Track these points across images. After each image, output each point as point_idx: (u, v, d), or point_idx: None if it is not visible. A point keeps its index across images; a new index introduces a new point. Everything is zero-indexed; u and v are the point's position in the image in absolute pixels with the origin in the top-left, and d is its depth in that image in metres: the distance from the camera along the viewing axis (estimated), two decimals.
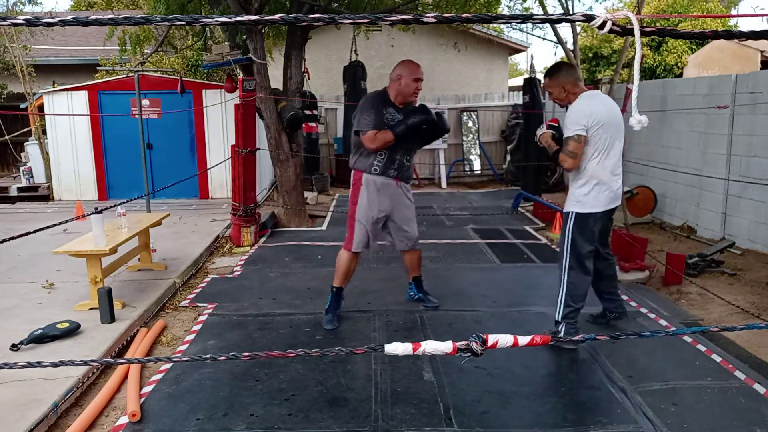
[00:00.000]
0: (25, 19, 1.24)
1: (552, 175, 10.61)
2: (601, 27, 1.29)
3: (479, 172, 12.40)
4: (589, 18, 1.29)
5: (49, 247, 4.95)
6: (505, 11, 10.70)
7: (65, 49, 14.45)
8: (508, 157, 11.85)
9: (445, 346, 1.48)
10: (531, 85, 9.91)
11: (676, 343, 3.79)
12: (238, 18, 1.30)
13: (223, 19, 1.29)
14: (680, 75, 13.98)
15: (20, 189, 10.42)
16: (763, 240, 5.95)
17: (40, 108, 10.35)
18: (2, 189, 10.54)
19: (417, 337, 3.96)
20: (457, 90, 14.01)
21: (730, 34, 1.40)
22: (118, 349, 3.84)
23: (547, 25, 9.26)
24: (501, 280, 5.29)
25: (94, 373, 3.45)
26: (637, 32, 1.33)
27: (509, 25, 12.69)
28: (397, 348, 1.52)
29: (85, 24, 1.25)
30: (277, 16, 1.26)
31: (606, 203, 3.67)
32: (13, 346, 3.63)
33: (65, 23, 1.25)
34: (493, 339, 1.49)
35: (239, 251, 6.51)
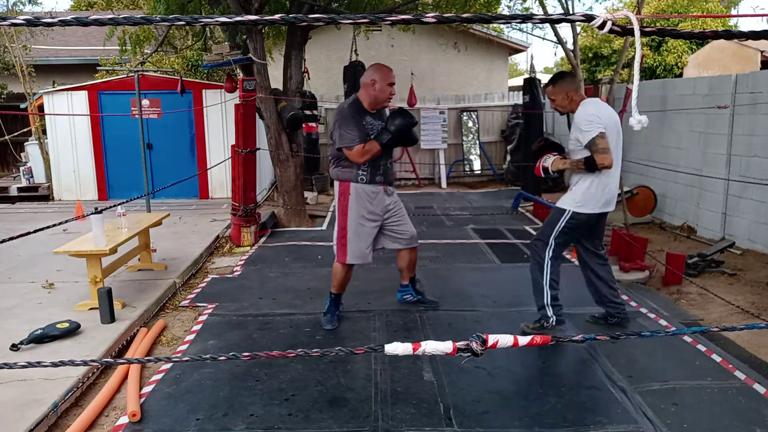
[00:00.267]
0: (25, 19, 1.24)
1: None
2: (601, 27, 1.29)
3: (479, 172, 12.40)
4: (589, 18, 1.29)
5: (49, 247, 4.95)
6: (505, 11, 10.70)
7: (65, 49, 14.45)
8: (508, 157, 11.84)
9: (445, 346, 1.48)
10: (531, 85, 9.90)
11: (676, 343, 3.79)
12: (238, 18, 1.30)
13: (223, 19, 1.29)
14: (680, 75, 13.98)
15: (20, 189, 10.42)
16: (763, 240, 5.95)
17: (40, 108, 10.35)
18: (2, 189, 10.54)
19: (417, 337, 3.96)
20: (457, 90, 14.00)
21: (730, 34, 1.40)
22: (118, 349, 3.84)
23: (547, 25, 9.26)
24: (501, 280, 5.29)
25: (94, 373, 3.45)
26: (637, 32, 1.33)
27: (509, 25, 12.69)
28: (397, 348, 1.52)
29: (85, 24, 1.25)
30: (277, 16, 1.26)
31: (603, 205, 3.75)
32: (13, 346, 3.63)
33: (65, 23, 1.25)
34: (493, 339, 1.49)
35: (239, 251, 6.51)
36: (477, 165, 12.41)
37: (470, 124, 12.34)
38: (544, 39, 18.79)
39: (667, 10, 14.41)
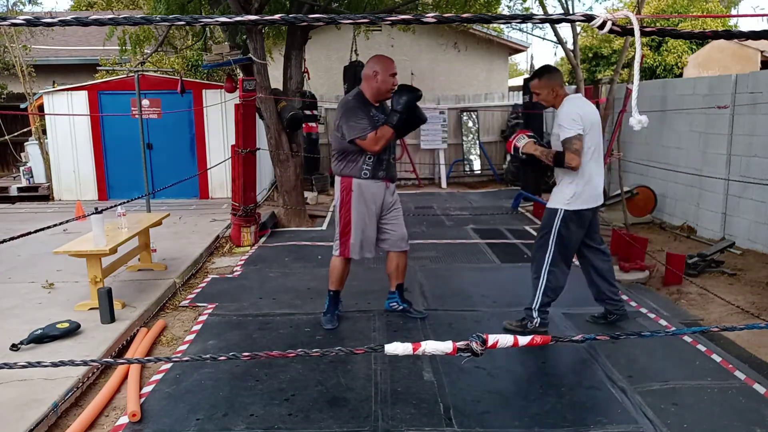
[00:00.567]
0: (25, 19, 1.24)
1: (552, 175, 10.60)
2: (601, 27, 1.29)
3: (479, 172, 12.40)
4: (589, 18, 1.29)
5: (49, 247, 4.95)
6: (505, 11, 10.71)
7: (65, 49, 14.45)
8: (508, 157, 11.84)
9: (445, 346, 1.48)
10: None
11: (676, 343, 3.79)
12: (238, 18, 1.30)
13: (223, 19, 1.29)
14: (680, 75, 13.98)
15: (20, 189, 10.42)
16: (763, 240, 5.95)
17: (40, 108, 10.35)
18: (2, 189, 10.54)
19: (417, 337, 3.96)
20: (457, 90, 14.00)
21: (730, 34, 1.40)
22: (118, 349, 3.84)
23: (547, 25, 9.26)
24: (501, 280, 5.29)
25: (94, 373, 3.45)
26: (637, 32, 1.32)
27: (509, 25, 12.69)
28: (397, 348, 1.52)
29: (85, 24, 1.25)
30: (277, 16, 1.26)
31: (595, 200, 3.82)
32: (13, 346, 3.63)
33: (65, 23, 1.25)
34: (493, 339, 1.49)
35: (239, 251, 6.51)
36: (477, 165, 12.41)
37: (470, 124, 12.34)
38: (544, 39, 18.82)
39: (667, 10, 14.41)
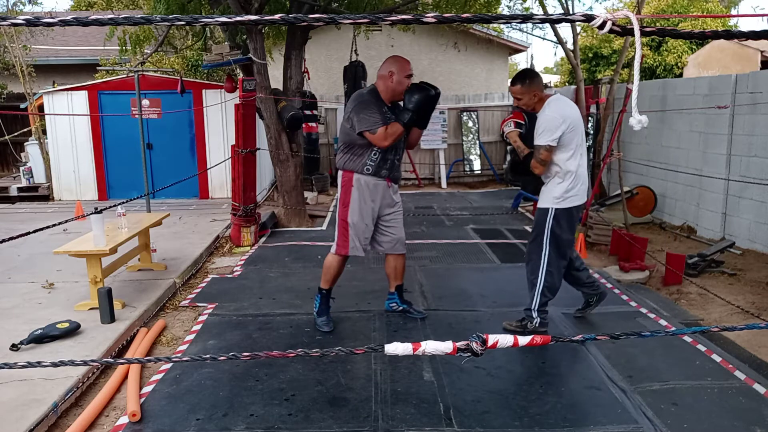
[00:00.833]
0: (25, 19, 1.24)
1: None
2: (601, 27, 1.29)
3: (479, 172, 12.40)
4: (589, 18, 1.29)
5: (49, 247, 4.95)
6: (505, 11, 10.70)
7: (65, 49, 14.45)
8: (508, 157, 11.84)
9: (445, 346, 1.48)
10: None
11: (676, 343, 3.79)
12: (238, 18, 1.30)
13: (223, 19, 1.29)
14: (680, 75, 13.98)
15: (20, 189, 10.42)
16: (763, 240, 5.95)
17: (40, 108, 10.35)
18: (2, 189, 10.54)
19: (417, 337, 3.96)
20: (457, 90, 14.01)
21: (730, 34, 1.40)
22: (118, 349, 3.84)
23: (547, 25, 9.26)
24: (501, 280, 5.29)
25: (94, 373, 3.45)
26: (637, 32, 1.32)
27: (509, 25, 12.68)
28: (397, 348, 1.52)
29: (85, 24, 1.25)
30: (277, 16, 1.26)
31: (581, 198, 3.89)
32: (13, 346, 3.63)
33: (65, 23, 1.25)
34: (493, 339, 1.49)
35: (239, 251, 6.51)
36: (477, 165, 12.42)
37: (470, 124, 12.35)
38: (544, 39, 18.82)
39: (667, 10, 14.41)
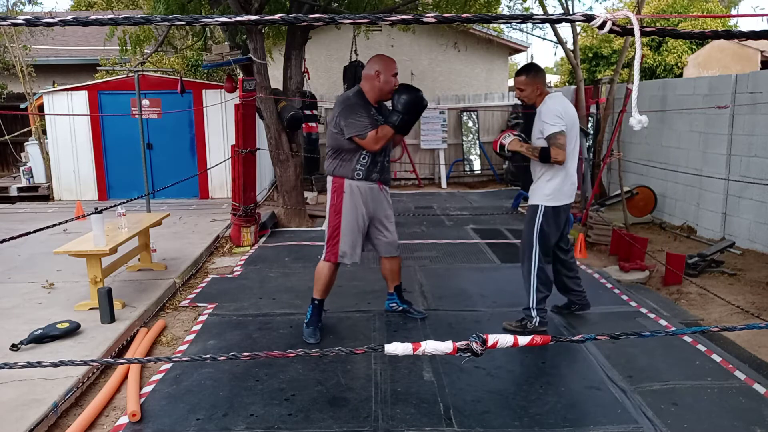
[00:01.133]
0: (25, 19, 1.24)
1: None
2: (601, 27, 1.29)
3: (479, 172, 12.40)
4: (589, 18, 1.29)
5: (49, 247, 4.95)
6: (505, 11, 10.71)
7: (65, 49, 14.45)
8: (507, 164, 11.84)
9: (445, 346, 1.48)
10: None
11: (676, 343, 3.79)
12: (238, 18, 1.30)
13: (223, 19, 1.29)
14: (680, 75, 13.98)
15: (20, 189, 10.42)
16: (763, 240, 5.95)
17: (40, 108, 10.35)
18: (2, 189, 10.54)
19: (417, 337, 3.96)
20: (457, 90, 14.01)
21: (730, 34, 1.40)
22: (118, 349, 3.84)
23: (547, 25, 9.26)
24: (501, 280, 5.29)
25: (94, 373, 3.45)
26: (637, 32, 1.32)
27: (509, 25, 12.68)
28: (397, 348, 1.52)
29: (85, 24, 1.25)
30: (277, 16, 1.26)
31: (569, 197, 3.91)
32: (13, 346, 3.63)
33: (65, 23, 1.25)
34: (493, 339, 1.49)
35: (239, 251, 6.51)
36: (477, 165, 12.41)
37: (470, 124, 12.34)
38: (544, 39, 18.83)
39: (667, 10, 14.41)
